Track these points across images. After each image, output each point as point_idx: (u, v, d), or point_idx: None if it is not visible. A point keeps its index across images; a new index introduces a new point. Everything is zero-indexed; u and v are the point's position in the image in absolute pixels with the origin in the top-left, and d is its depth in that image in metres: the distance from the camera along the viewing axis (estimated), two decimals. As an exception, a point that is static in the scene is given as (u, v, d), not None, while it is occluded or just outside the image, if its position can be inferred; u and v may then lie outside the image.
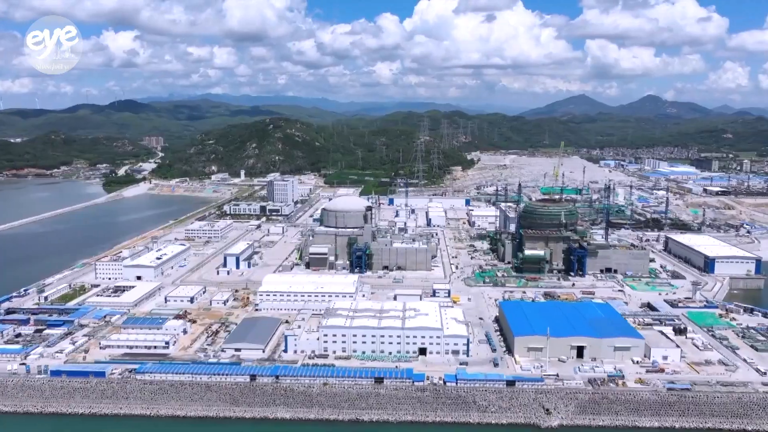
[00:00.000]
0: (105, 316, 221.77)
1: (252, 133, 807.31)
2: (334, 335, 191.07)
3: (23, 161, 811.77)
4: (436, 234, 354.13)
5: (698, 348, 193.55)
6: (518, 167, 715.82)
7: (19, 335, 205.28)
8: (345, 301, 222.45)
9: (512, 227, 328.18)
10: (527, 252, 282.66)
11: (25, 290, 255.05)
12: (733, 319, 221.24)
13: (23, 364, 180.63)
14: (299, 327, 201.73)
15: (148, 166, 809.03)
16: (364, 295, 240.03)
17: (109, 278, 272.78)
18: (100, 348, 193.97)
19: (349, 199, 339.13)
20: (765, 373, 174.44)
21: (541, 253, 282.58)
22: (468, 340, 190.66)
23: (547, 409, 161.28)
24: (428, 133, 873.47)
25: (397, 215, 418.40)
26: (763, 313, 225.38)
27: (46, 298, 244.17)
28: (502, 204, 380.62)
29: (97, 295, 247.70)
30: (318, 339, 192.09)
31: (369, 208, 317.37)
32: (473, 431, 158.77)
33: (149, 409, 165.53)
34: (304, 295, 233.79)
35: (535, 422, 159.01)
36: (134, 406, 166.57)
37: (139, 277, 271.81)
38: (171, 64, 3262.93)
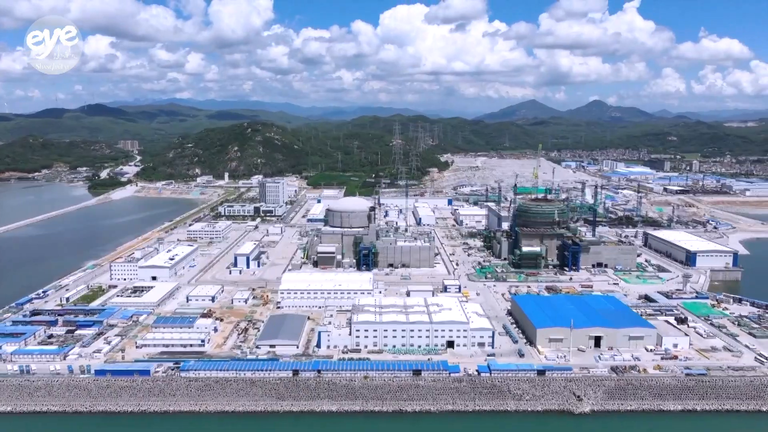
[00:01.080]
0: (132, 316, 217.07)
1: (230, 137, 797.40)
2: (366, 330, 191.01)
3: (4, 165, 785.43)
4: (431, 233, 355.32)
5: (702, 336, 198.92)
6: (490, 169, 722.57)
7: (51, 336, 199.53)
8: (368, 297, 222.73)
9: (504, 226, 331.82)
10: (525, 249, 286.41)
11: (44, 292, 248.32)
12: (726, 308, 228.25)
13: (64, 362, 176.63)
14: (330, 323, 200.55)
15: (129, 169, 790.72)
16: (380, 292, 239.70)
17: (125, 279, 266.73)
18: (137, 347, 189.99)
19: (352, 200, 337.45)
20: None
21: (537, 249, 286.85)
22: (493, 332, 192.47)
23: (578, 396, 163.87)
24: (398, 137, 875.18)
25: (386, 215, 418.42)
26: (751, 302, 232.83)
27: (68, 299, 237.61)
28: (491, 203, 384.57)
29: (118, 296, 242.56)
30: (350, 334, 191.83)
31: (372, 209, 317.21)
32: (511, 419, 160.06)
33: (197, 406, 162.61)
34: (324, 293, 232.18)
35: (568, 408, 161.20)
36: (182, 402, 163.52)
37: (154, 278, 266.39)
38: (142, 69, 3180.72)
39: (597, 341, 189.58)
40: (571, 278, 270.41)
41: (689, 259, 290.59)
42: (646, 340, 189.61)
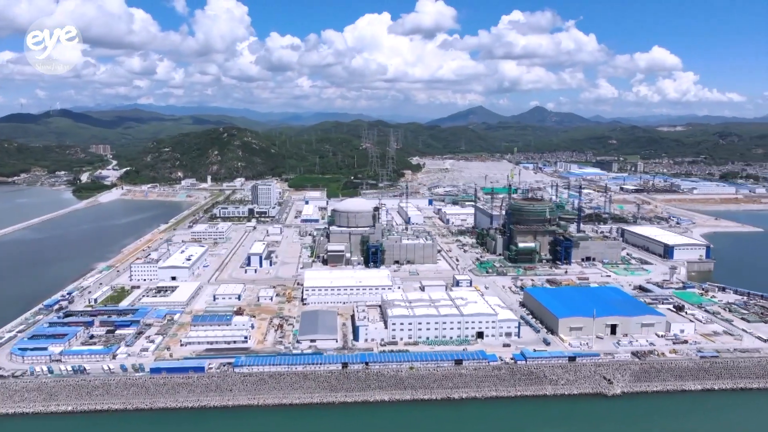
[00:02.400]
0: (165, 315, 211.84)
1: (207, 142, 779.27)
2: (402, 324, 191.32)
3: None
4: (430, 231, 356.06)
5: (701, 322, 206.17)
6: (458, 170, 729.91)
7: (92, 336, 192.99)
8: (395, 293, 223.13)
9: (495, 224, 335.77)
10: (521, 245, 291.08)
11: (68, 293, 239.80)
12: (713, 296, 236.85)
13: (114, 361, 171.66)
14: (364, 317, 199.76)
15: (109, 172, 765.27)
16: (399, 287, 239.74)
17: (145, 279, 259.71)
18: (181, 345, 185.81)
19: (358, 201, 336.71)
20: (767, 340, 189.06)
21: (532, 245, 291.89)
22: (519, 323, 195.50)
23: (609, 380, 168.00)
24: (370, 141, 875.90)
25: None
26: (734, 290, 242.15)
27: (96, 300, 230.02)
28: (480, 203, 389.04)
29: (144, 296, 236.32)
30: (386, 328, 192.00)
31: (376, 209, 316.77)
32: (551, 402, 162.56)
33: (255, 399, 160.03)
34: (347, 289, 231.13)
35: (601, 391, 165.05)
36: (240, 397, 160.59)
37: (173, 278, 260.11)
38: (108, 75, 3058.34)
39: (613, 329, 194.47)
40: (566, 271, 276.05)
41: (667, 252, 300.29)
42: (657, 326, 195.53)
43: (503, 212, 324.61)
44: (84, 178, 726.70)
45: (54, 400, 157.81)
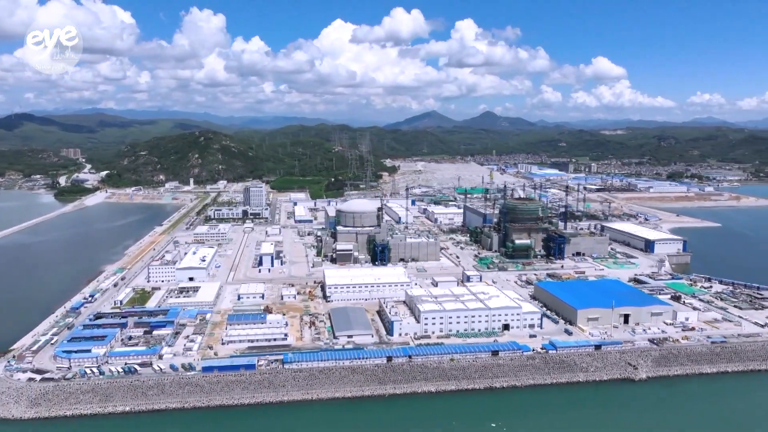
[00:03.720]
0: (197, 315, 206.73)
1: (184, 145, 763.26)
2: (433, 318, 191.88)
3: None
4: (430, 230, 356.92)
5: (700, 310, 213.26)
6: (431, 172, 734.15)
7: (131, 337, 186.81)
8: (418, 289, 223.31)
9: (488, 223, 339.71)
10: (517, 241, 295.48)
11: (91, 295, 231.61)
12: (702, 287, 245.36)
13: (161, 361, 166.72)
14: (395, 313, 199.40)
15: (86, 176, 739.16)
16: (416, 284, 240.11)
17: (163, 280, 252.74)
18: (222, 344, 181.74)
19: (362, 202, 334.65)
20: (764, 326, 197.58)
21: (528, 241, 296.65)
22: (542, 315, 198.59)
23: (634, 366, 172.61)
24: (337, 144, 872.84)
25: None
26: (719, 280, 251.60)
27: (121, 302, 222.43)
28: (461, 203, 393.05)
29: (168, 297, 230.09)
30: (418, 322, 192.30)
31: (380, 209, 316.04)
32: (585, 388, 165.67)
33: (308, 394, 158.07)
34: (368, 286, 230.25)
35: (628, 377, 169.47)
36: (293, 392, 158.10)
37: (191, 278, 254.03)
38: (73, 79, 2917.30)
39: (626, 318, 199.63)
40: (562, 266, 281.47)
41: (648, 246, 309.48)
42: (664, 315, 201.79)
43: (495, 211, 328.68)
44: (63, 181, 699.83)
45: (110, 401, 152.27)
